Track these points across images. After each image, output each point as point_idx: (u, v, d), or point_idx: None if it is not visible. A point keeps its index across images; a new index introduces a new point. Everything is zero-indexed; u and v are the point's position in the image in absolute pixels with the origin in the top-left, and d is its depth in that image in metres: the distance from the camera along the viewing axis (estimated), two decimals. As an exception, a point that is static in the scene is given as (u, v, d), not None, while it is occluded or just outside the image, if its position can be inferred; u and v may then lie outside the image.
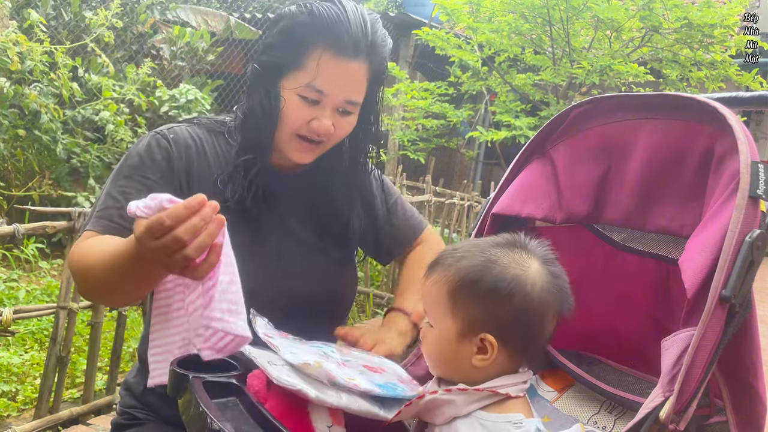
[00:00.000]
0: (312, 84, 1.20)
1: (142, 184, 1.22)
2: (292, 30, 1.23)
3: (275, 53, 1.24)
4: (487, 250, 0.96)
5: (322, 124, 1.23)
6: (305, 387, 0.91)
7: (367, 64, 1.25)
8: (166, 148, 1.27)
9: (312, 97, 1.22)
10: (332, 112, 1.24)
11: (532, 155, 1.23)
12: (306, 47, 1.21)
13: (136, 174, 1.24)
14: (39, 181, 4.71)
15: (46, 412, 2.42)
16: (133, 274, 1.02)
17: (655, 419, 0.82)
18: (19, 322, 2.93)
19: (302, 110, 1.23)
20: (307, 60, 1.21)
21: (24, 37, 4.26)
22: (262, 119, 1.25)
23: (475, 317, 0.92)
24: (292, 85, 1.22)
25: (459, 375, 0.96)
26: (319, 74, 1.20)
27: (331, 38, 1.20)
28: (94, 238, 1.18)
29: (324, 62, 1.20)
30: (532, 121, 5.79)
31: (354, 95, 1.25)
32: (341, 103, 1.24)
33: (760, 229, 0.85)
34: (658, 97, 1.08)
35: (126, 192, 1.21)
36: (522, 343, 0.94)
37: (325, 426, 0.94)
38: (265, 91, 1.25)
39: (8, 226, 2.24)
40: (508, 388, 0.93)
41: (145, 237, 0.88)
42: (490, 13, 6.11)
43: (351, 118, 1.28)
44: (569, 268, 1.02)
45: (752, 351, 0.92)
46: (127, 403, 1.34)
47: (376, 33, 1.26)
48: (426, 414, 0.95)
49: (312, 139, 1.25)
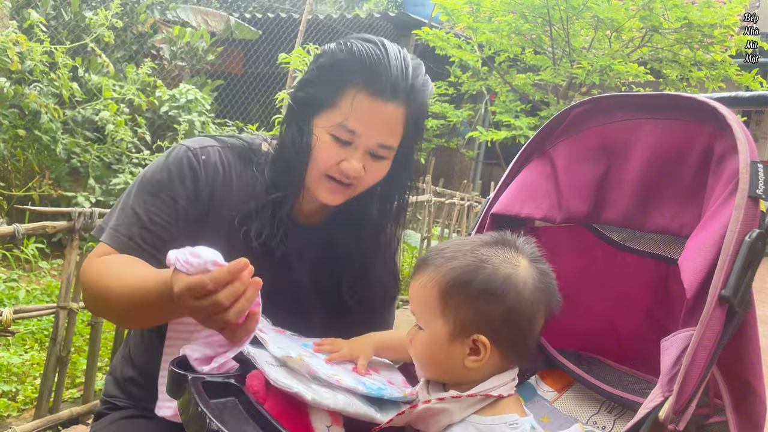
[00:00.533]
0: (344, 123, 1.16)
1: (169, 206, 1.19)
2: (330, 67, 1.19)
3: (311, 90, 1.21)
4: (476, 249, 0.95)
5: (352, 166, 1.18)
6: (302, 389, 0.91)
7: (404, 107, 1.19)
8: (195, 169, 1.22)
9: (344, 138, 1.17)
10: (364, 155, 1.19)
11: (531, 155, 1.23)
12: (342, 86, 1.17)
13: (163, 193, 1.20)
14: (39, 181, 4.71)
15: (46, 412, 2.42)
16: (158, 313, 1.03)
17: (655, 419, 0.82)
18: (19, 322, 2.93)
19: (333, 150, 1.18)
20: (342, 99, 1.17)
21: (24, 37, 4.26)
22: (293, 157, 1.21)
23: (468, 318, 0.91)
24: (325, 123, 1.18)
25: (450, 377, 0.96)
26: (353, 114, 1.16)
27: (368, 78, 1.16)
28: (115, 259, 1.15)
29: (358, 102, 1.16)
30: (532, 121, 5.79)
31: (388, 139, 1.19)
32: (374, 146, 1.19)
33: (759, 229, 0.85)
34: (658, 97, 1.08)
35: (151, 211, 1.18)
36: (514, 342, 0.94)
37: (324, 426, 0.94)
38: (298, 128, 1.21)
39: (8, 226, 2.24)
40: (499, 389, 0.92)
41: (186, 296, 0.87)
42: (490, 13, 6.11)
43: (384, 163, 1.23)
44: (569, 268, 1.02)
45: (752, 351, 0.92)
46: (109, 391, 1.34)
47: (417, 77, 1.21)
48: (419, 423, 0.94)
49: (341, 181, 1.20)
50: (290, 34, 7.12)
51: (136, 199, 1.21)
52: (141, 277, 1.05)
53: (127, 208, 1.20)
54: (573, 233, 1.25)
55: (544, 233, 1.21)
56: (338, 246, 1.31)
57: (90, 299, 1.17)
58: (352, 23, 8.15)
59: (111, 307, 1.13)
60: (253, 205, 1.23)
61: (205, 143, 1.27)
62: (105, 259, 1.15)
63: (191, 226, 1.21)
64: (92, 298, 1.16)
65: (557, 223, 1.18)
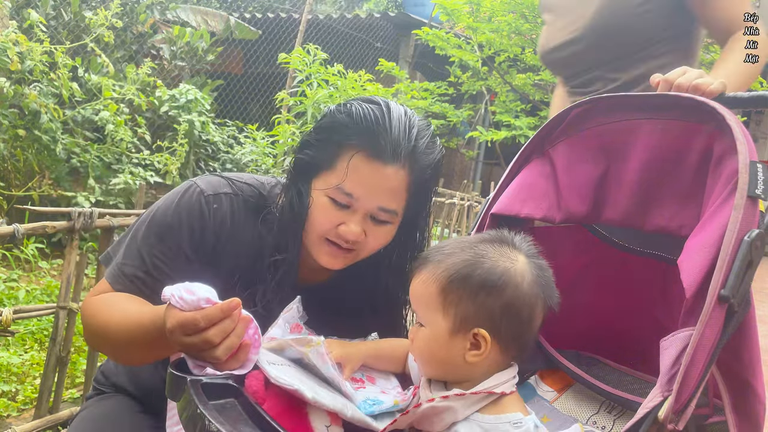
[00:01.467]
0: (341, 186, 1.14)
1: (174, 253, 1.19)
2: (329, 129, 1.18)
3: (309, 152, 1.19)
4: (474, 245, 0.96)
5: (350, 230, 1.15)
6: (302, 388, 0.91)
7: (406, 170, 1.15)
8: (205, 218, 1.21)
9: (341, 200, 1.15)
10: (363, 219, 1.16)
11: (531, 155, 1.23)
12: (339, 147, 1.15)
13: (170, 239, 1.19)
14: (39, 181, 4.71)
15: (46, 412, 2.42)
16: (152, 348, 1.04)
17: (654, 419, 0.82)
18: (19, 322, 2.94)
19: (330, 213, 1.16)
20: (339, 161, 1.15)
21: (24, 37, 4.26)
22: (290, 219, 1.20)
23: (468, 312, 0.92)
24: (322, 186, 1.16)
25: (452, 374, 0.96)
26: (348, 176, 1.13)
27: (365, 140, 1.13)
28: (114, 296, 1.17)
29: (354, 164, 1.13)
30: (532, 121, 5.79)
31: (389, 203, 1.16)
32: (374, 210, 1.16)
33: (758, 229, 0.85)
34: (658, 97, 1.08)
35: (156, 257, 1.19)
36: (514, 336, 0.94)
37: (323, 426, 0.94)
38: (296, 190, 1.20)
39: (8, 226, 2.24)
40: (502, 386, 0.93)
41: (177, 332, 0.89)
42: (490, 13, 6.11)
43: (388, 228, 1.19)
44: (569, 267, 1.02)
45: (751, 351, 0.92)
46: (99, 381, 1.40)
47: (421, 139, 1.17)
48: (423, 422, 0.94)
49: (340, 245, 1.18)
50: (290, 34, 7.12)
51: (143, 240, 1.20)
52: (137, 312, 1.07)
53: (134, 248, 1.21)
54: (572, 233, 1.25)
55: (543, 233, 1.21)
56: (346, 302, 1.29)
57: (89, 334, 1.19)
58: (352, 23, 8.15)
59: (108, 342, 1.15)
60: (257, 266, 1.22)
61: (219, 189, 1.25)
62: (104, 296, 1.17)
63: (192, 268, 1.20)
64: (91, 333, 1.18)
65: (557, 223, 1.18)
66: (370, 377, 1.13)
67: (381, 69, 6.07)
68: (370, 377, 1.13)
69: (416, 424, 0.95)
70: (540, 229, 1.24)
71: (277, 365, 0.97)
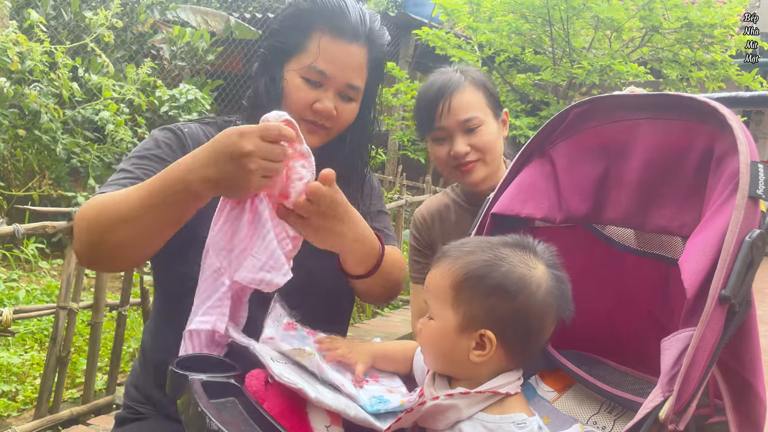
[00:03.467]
0: (314, 66, 1.26)
1: (156, 163, 1.22)
2: (295, 15, 1.31)
3: (279, 38, 1.31)
4: (496, 247, 0.97)
5: (325, 106, 1.27)
6: (305, 386, 0.91)
7: (366, 49, 1.30)
8: (182, 138, 1.29)
9: (314, 79, 1.27)
10: (335, 96, 1.29)
11: (531, 155, 1.23)
12: (307, 31, 1.28)
13: (150, 154, 1.24)
14: (39, 181, 4.71)
15: (46, 412, 2.42)
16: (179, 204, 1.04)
17: (655, 419, 0.81)
18: (19, 322, 2.94)
19: (305, 92, 1.27)
20: (309, 43, 1.27)
21: (24, 37, 4.26)
22: (267, 103, 1.26)
23: (478, 312, 0.93)
24: (296, 67, 1.27)
25: (455, 370, 0.97)
26: (320, 56, 1.26)
27: (330, 22, 1.27)
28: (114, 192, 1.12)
29: (324, 44, 1.26)
30: (532, 121, 5.78)
31: (355, 79, 1.30)
32: (343, 87, 1.29)
33: (759, 229, 0.85)
34: (658, 96, 1.07)
35: (142, 168, 1.21)
36: (520, 342, 0.95)
37: (323, 426, 0.94)
38: (269, 76, 1.30)
39: (8, 226, 2.25)
40: (506, 387, 0.93)
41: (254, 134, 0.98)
42: (490, 13, 6.10)
43: (353, 105, 1.33)
44: (569, 268, 1.02)
45: (752, 351, 0.92)
46: (131, 396, 1.35)
47: (374, 23, 1.33)
48: (428, 420, 0.94)
49: (316, 122, 1.29)
50: (290, 34, 7.09)
51: (124, 164, 1.24)
52: (153, 178, 1.06)
53: (117, 172, 1.22)
54: (573, 233, 1.25)
55: (543, 233, 1.21)
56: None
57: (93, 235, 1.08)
58: (352, 23, 8.13)
59: (122, 227, 1.05)
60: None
61: (183, 123, 1.35)
62: (104, 195, 1.12)
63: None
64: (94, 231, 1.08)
65: (557, 223, 1.18)
66: (374, 377, 1.13)
67: (381, 69, 6.06)
68: (374, 377, 1.13)
69: (420, 422, 0.95)
70: (540, 229, 1.23)
71: (281, 363, 0.97)
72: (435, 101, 1.66)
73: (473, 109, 1.66)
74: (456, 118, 1.65)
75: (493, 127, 1.70)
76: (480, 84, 1.71)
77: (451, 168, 1.71)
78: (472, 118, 1.65)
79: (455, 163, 1.69)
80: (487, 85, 1.73)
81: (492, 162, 1.70)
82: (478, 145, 1.67)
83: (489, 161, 1.69)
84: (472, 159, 1.67)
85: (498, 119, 1.74)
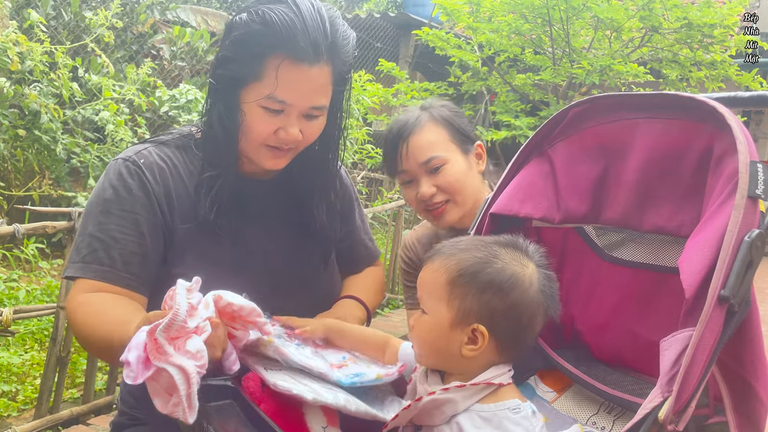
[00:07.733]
0: (273, 96, 1.16)
1: (125, 218, 1.19)
2: (246, 41, 1.17)
3: (231, 66, 1.19)
4: (490, 245, 0.99)
5: (288, 134, 1.21)
6: (302, 390, 0.91)
7: (329, 66, 1.19)
8: (138, 174, 1.22)
9: (275, 108, 1.18)
10: (298, 119, 1.21)
11: (530, 155, 1.23)
12: (262, 58, 1.15)
13: (114, 208, 1.20)
14: (39, 181, 4.71)
15: (46, 412, 2.42)
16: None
17: (654, 420, 0.81)
18: (19, 322, 2.93)
19: (266, 121, 1.19)
20: (265, 71, 1.16)
21: (24, 37, 4.26)
22: (222, 135, 1.22)
23: (471, 308, 0.94)
24: (254, 97, 1.18)
25: (447, 364, 0.99)
26: (279, 85, 1.15)
27: (287, 46, 1.14)
28: (96, 299, 1.15)
29: (283, 72, 1.15)
30: (532, 121, 5.78)
31: (319, 100, 1.21)
32: (306, 110, 1.21)
33: (759, 229, 0.85)
34: (657, 96, 1.07)
35: (109, 230, 1.19)
36: (511, 337, 0.97)
37: (320, 426, 0.95)
38: (223, 105, 1.21)
39: (8, 226, 2.25)
40: (499, 378, 0.96)
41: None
42: (490, 13, 6.10)
43: (319, 120, 1.25)
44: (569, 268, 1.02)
45: (753, 351, 0.92)
46: (128, 403, 1.34)
47: (337, 32, 1.19)
48: (424, 416, 0.95)
49: (280, 147, 1.23)
50: (290, 34, 7.10)
51: (91, 225, 1.20)
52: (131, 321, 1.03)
53: (85, 237, 1.20)
54: (567, 237, 1.24)
55: (537, 235, 1.22)
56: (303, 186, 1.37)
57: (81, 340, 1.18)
58: (352, 23, 8.12)
59: (105, 354, 1.16)
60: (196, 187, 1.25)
61: (137, 149, 1.28)
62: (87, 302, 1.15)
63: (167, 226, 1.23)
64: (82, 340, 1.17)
65: (556, 223, 1.18)
66: (353, 359, 1.13)
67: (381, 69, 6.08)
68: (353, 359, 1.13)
69: (416, 419, 0.96)
70: (536, 230, 1.23)
71: (274, 371, 0.97)
72: (394, 144, 1.60)
73: (434, 148, 1.58)
74: (416, 160, 1.58)
75: (460, 165, 1.61)
76: (442, 120, 1.62)
77: (422, 210, 1.65)
78: (432, 158, 1.57)
79: (424, 205, 1.62)
80: (452, 120, 1.64)
81: (464, 202, 1.61)
82: (443, 186, 1.58)
83: (460, 201, 1.60)
84: (440, 200, 1.59)
85: (468, 154, 1.65)
